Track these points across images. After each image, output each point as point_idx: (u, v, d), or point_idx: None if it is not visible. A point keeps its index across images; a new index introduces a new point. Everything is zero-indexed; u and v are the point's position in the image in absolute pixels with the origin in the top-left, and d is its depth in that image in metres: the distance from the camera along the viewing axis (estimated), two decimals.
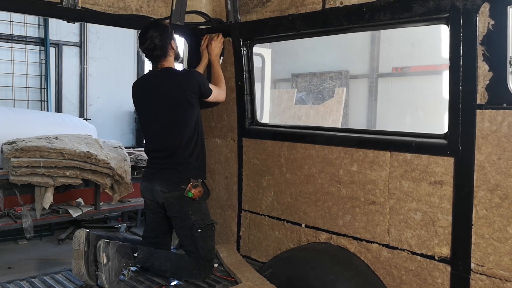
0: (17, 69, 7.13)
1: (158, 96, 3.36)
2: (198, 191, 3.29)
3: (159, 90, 3.36)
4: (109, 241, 3.10)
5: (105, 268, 3.01)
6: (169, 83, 3.34)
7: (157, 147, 3.42)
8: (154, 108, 3.39)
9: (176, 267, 3.29)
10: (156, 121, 3.39)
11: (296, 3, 3.19)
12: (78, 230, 3.20)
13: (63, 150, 4.95)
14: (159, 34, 3.29)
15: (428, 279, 2.64)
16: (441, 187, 2.56)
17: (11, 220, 5.01)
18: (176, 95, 3.31)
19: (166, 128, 3.35)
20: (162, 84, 3.36)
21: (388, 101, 8.38)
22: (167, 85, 3.34)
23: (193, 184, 3.28)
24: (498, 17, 2.26)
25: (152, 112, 3.42)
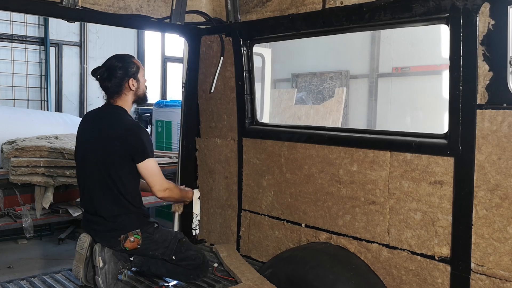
0: (17, 69, 7.13)
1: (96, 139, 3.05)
2: (130, 242, 2.98)
3: (99, 131, 3.06)
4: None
5: (101, 271, 2.99)
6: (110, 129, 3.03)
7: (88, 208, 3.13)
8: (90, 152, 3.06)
9: (172, 273, 3.28)
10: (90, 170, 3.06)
11: (296, 3, 3.19)
12: (84, 234, 3.16)
13: (63, 150, 4.95)
14: (120, 66, 3.08)
15: (428, 279, 2.64)
16: (441, 187, 2.56)
17: (11, 219, 5.01)
18: (121, 146, 2.97)
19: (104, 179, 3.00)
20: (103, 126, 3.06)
21: (388, 101, 8.36)
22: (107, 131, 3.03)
23: (124, 237, 2.98)
24: (498, 17, 2.26)
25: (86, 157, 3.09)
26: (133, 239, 3.00)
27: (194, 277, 3.27)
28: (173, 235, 3.24)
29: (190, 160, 4.19)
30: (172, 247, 3.17)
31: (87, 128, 3.19)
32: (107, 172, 2.99)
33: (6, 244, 5.75)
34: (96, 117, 3.21)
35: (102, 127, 3.08)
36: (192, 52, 4.04)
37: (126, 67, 3.11)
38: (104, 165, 3.00)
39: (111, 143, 2.99)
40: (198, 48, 4.00)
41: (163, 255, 3.15)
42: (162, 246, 3.14)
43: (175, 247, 3.18)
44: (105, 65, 3.13)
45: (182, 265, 3.22)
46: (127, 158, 2.99)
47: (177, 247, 3.19)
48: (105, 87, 3.13)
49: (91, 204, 3.10)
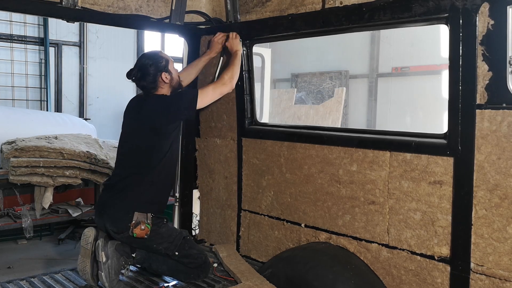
0: (17, 69, 7.12)
1: (134, 119, 3.28)
2: (140, 229, 3.01)
3: (137, 112, 3.28)
4: (108, 240, 3.11)
5: (104, 266, 3.02)
6: (148, 107, 3.24)
7: (115, 172, 3.30)
8: (127, 131, 3.30)
9: (173, 271, 3.29)
10: (123, 146, 3.29)
11: (296, 3, 3.19)
12: (88, 228, 3.18)
13: (63, 150, 4.95)
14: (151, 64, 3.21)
15: (428, 279, 2.64)
16: (441, 187, 2.56)
17: (11, 219, 5.02)
18: (149, 121, 3.18)
19: (129, 153, 3.22)
20: (142, 107, 3.27)
21: (387, 101, 8.37)
22: (146, 109, 3.24)
23: (135, 222, 3.01)
24: (498, 17, 2.26)
25: (124, 136, 3.32)
26: (143, 227, 3.03)
27: (195, 276, 3.27)
28: (179, 232, 3.28)
29: (190, 160, 4.19)
30: (176, 243, 3.19)
31: (132, 111, 3.35)
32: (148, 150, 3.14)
33: (6, 244, 5.75)
34: (139, 103, 3.35)
35: (147, 106, 3.25)
36: (191, 52, 4.04)
37: (156, 63, 3.23)
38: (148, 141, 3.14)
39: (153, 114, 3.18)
40: (198, 48, 4.00)
41: (167, 249, 3.16)
42: (167, 240, 3.17)
43: (179, 243, 3.20)
44: (136, 65, 3.27)
45: (184, 262, 3.22)
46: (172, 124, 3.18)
47: (181, 243, 3.21)
48: (142, 86, 3.30)
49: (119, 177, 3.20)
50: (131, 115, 3.33)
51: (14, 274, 4.71)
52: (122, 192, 3.13)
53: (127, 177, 3.16)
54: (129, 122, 3.32)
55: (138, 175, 3.14)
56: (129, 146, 3.24)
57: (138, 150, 3.18)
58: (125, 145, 3.28)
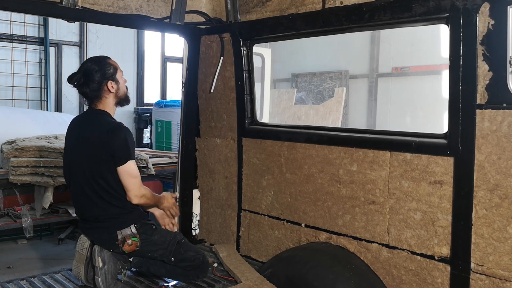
0: (17, 69, 7.12)
1: (80, 145, 3.03)
2: (128, 245, 2.96)
3: (82, 137, 3.03)
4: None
5: (101, 271, 2.99)
6: (92, 133, 2.98)
7: (82, 214, 3.12)
8: (75, 159, 3.04)
9: (172, 274, 3.26)
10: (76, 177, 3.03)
11: (296, 3, 3.19)
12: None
13: (63, 150, 4.95)
14: (97, 70, 2.99)
15: (428, 279, 2.64)
16: (441, 187, 2.56)
17: (11, 219, 5.01)
18: (102, 148, 2.92)
19: (84, 187, 2.99)
20: (85, 131, 3.03)
21: (388, 101, 8.36)
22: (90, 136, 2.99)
23: (122, 239, 2.96)
24: (498, 17, 2.26)
25: (72, 164, 3.06)
26: (130, 242, 2.98)
27: (194, 277, 3.26)
28: (172, 236, 3.22)
29: (190, 160, 4.19)
30: (171, 248, 3.15)
31: (72, 136, 3.15)
32: (93, 177, 2.94)
33: (6, 244, 5.75)
34: (80, 123, 3.16)
35: (85, 132, 3.03)
36: (192, 52, 4.04)
37: (103, 69, 3.02)
38: (90, 170, 2.94)
39: (95, 147, 2.94)
40: (198, 48, 4.00)
41: (162, 256, 3.14)
42: (161, 247, 3.13)
43: (174, 248, 3.17)
44: (80, 70, 3.03)
45: (181, 266, 3.21)
46: (111, 160, 2.93)
47: (176, 248, 3.17)
48: (84, 93, 3.05)
49: (83, 210, 3.11)
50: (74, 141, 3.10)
51: (14, 274, 4.71)
52: (96, 220, 3.04)
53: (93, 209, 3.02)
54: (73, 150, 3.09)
55: (101, 200, 2.99)
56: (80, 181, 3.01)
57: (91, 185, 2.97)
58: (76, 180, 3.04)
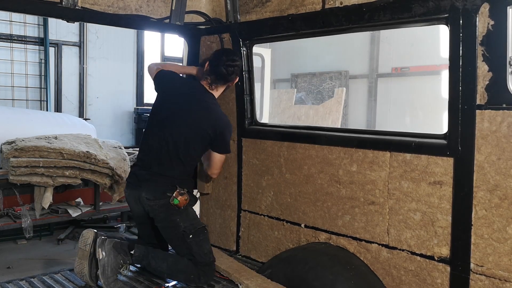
0: (17, 69, 7.12)
1: (190, 112, 3.30)
2: (184, 199, 3.19)
3: (195, 109, 3.30)
4: (106, 238, 3.12)
5: (100, 263, 3.03)
6: (209, 116, 3.29)
7: (156, 154, 3.29)
8: (179, 117, 3.30)
9: (173, 269, 3.24)
10: (171, 128, 3.28)
11: (296, 3, 3.19)
12: (87, 230, 3.20)
13: (63, 150, 4.95)
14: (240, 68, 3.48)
15: (428, 279, 2.64)
16: (441, 187, 2.56)
17: (11, 220, 5.01)
18: (205, 129, 3.26)
19: (177, 143, 3.26)
20: (201, 108, 3.30)
21: (387, 101, 8.37)
22: (205, 115, 3.29)
23: (180, 192, 3.18)
24: (498, 17, 2.26)
25: (174, 117, 3.32)
26: (186, 198, 3.20)
27: (195, 278, 3.20)
28: (201, 221, 3.43)
29: None
30: (196, 226, 3.27)
31: (180, 93, 3.40)
32: (187, 140, 3.25)
33: (6, 244, 5.75)
34: (192, 90, 3.42)
35: (200, 105, 3.32)
36: (191, 53, 4.04)
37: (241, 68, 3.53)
38: (189, 135, 3.26)
39: (205, 124, 3.26)
40: (198, 48, 4.00)
41: (186, 228, 3.21)
42: (190, 221, 3.25)
43: (199, 228, 3.27)
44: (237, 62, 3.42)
45: (193, 250, 3.21)
46: (210, 143, 3.32)
47: (199, 229, 3.28)
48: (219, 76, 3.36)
49: (155, 161, 3.28)
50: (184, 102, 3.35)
51: (14, 274, 4.71)
52: (161, 172, 3.26)
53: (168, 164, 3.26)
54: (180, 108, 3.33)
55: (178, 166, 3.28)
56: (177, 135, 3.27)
57: (185, 147, 3.28)
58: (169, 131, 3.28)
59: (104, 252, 3.05)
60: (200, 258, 3.22)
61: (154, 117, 3.42)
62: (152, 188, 3.23)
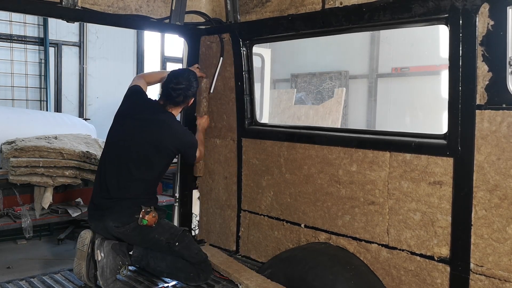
0: (17, 69, 7.12)
1: (152, 132, 3.23)
2: (152, 216, 3.12)
3: (156, 129, 3.24)
4: (105, 239, 3.12)
5: (99, 264, 3.03)
6: (171, 136, 3.29)
7: (115, 179, 3.19)
8: (141, 137, 3.22)
9: (172, 269, 3.25)
10: (131, 148, 3.21)
11: (296, 3, 3.19)
12: (84, 231, 3.20)
13: (63, 150, 4.95)
14: (195, 87, 3.39)
15: (428, 279, 2.64)
16: (441, 188, 2.56)
17: (11, 220, 5.01)
18: (169, 148, 3.27)
19: (139, 162, 3.20)
20: (162, 128, 3.26)
21: (387, 101, 8.37)
22: (167, 135, 3.27)
23: (146, 211, 3.11)
24: (498, 17, 2.27)
25: (134, 137, 3.23)
26: (154, 215, 3.14)
27: (194, 276, 3.22)
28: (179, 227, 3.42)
29: None
30: (177, 233, 3.25)
31: (140, 114, 3.32)
32: (150, 161, 3.22)
33: (5, 244, 5.75)
34: (152, 109, 3.34)
35: (160, 125, 3.27)
36: (191, 53, 4.04)
37: (196, 87, 3.42)
38: (152, 153, 3.21)
39: (169, 143, 3.26)
40: (198, 49, 4.00)
41: (168, 239, 3.19)
42: (169, 231, 3.23)
43: (180, 234, 3.25)
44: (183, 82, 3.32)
45: (185, 255, 3.21)
46: (174, 154, 3.37)
47: (181, 235, 3.26)
48: (171, 98, 3.32)
49: (115, 186, 3.17)
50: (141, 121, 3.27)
51: (14, 274, 4.71)
52: (124, 195, 3.17)
53: (129, 186, 3.18)
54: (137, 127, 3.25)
55: (141, 186, 3.22)
56: (136, 155, 3.21)
57: (145, 164, 3.23)
58: (127, 151, 3.21)
59: (103, 254, 3.05)
60: (193, 259, 3.24)
61: (112, 138, 3.32)
62: (117, 215, 3.13)
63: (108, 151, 3.31)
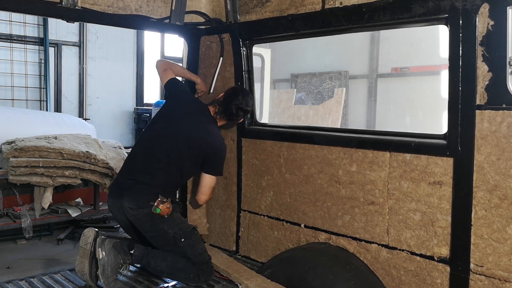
0: (16, 69, 7.12)
1: (190, 128, 3.36)
2: (167, 207, 3.15)
3: (196, 127, 3.38)
4: (106, 237, 3.11)
5: (100, 262, 3.03)
6: (207, 135, 3.38)
7: (144, 162, 3.30)
8: (179, 130, 3.35)
9: (172, 269, 3.23)
10: (167, 138, 3.33)
11: (296, 3, 3.19)
12: (88, 229, 3.20)
13: (62, 150, 4.95)
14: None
15: (427, 280, 2.64)
16: (440, 188, 2.56)
17: (10, 220, 5.02)
18: (201, 147, 3.33)
19: (170, 154, 3.29)
20: (201, 128, 3.39)
21: (387, 101, 8.36)
22: (204, 134, 3.37)
23: (161, 200, 3.15)
24: (498, 17, 2.27)
25: (173, 128, 3.37)
26: (169, 206, 3.17)
27: (194, 277, 3.20)
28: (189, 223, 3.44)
29: None
30: (185, 229, 3.26)
31: (186, 108, 3.47)
32: (181, 155, 3.29)
33: (5, 244, 5.74)
34: (198, 109, 3.50)
35: (201, 124, 3.40)
36: (191, 53, 4.04)
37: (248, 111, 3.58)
38: (184, 149, 3.29)
39: (202, 142, 3.34)
40: (198, 49, 4.00)
41: (176, 234, 3.20)
42: (178, 226, 3.24)
43: (189, 231, 3.26)
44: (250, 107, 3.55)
45: (188, 253, 3.20)
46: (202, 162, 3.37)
47: (189, 231, 3.27)
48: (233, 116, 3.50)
49: (142, 169, 3.27)
50: (187, 119, 3.40)
51: (14, 274, 4.70)
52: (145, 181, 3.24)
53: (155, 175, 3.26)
54: (182, 124, 3.38)
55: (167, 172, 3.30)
56: (174, 153, 3.30)
57: (179, 165, 3.32)
58: (167, 145, 3.31)
59: (104, 252, 3.05)
60: (196, 259, 3.23)
61: (153, 125, 3.51)
62: (134, 197, 3.19)
63: (147, 136, 3.45)
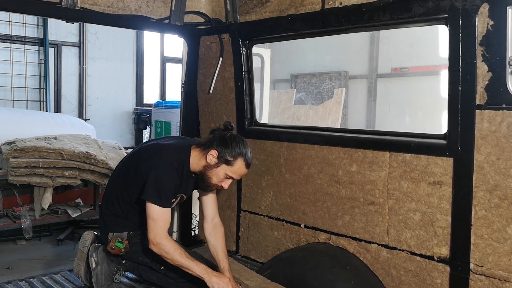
0: (16, 69, 7.12)
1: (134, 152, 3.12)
2: (111, 248, 2.93)
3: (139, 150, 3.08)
4: (99, 245, 3.06)
5: (93, 272, 2.99)
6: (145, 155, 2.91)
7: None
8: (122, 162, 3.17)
9: (163, 283, 3.06)
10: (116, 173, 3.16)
11: (296, 3, 3.19)
12: (87, 232, 3.16)
13: (62, 151, 4.95)
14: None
15: (427, 280, 2.64)
16: (440, 188, 2.56)
17: (10, 220, 5.02)
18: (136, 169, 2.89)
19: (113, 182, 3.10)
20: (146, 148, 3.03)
21: (387, 101, 8.38)
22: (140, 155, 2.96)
23: (108, 241, 2.95)
24: (497, 17, 2.26)
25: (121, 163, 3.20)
26: (114, 247, 2.92)
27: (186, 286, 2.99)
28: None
29: None
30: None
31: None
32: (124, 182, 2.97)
33: (5, 245, 5.75)
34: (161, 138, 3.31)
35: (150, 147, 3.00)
36: (191, 53, 4.04)
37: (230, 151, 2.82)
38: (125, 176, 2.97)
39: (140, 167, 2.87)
40: (197, 49, 4.00)
41: (151, 263, 3.00)
42: (152, 253, 2.80)
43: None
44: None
45: (171, 277, 3.01)
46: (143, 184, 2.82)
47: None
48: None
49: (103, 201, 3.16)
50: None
51: (13, 274, 4.70)
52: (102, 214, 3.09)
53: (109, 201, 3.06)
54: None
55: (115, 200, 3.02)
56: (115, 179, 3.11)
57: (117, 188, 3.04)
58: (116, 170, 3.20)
59: (96, 261, 2.98)
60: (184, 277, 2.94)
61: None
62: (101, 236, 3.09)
63: None
